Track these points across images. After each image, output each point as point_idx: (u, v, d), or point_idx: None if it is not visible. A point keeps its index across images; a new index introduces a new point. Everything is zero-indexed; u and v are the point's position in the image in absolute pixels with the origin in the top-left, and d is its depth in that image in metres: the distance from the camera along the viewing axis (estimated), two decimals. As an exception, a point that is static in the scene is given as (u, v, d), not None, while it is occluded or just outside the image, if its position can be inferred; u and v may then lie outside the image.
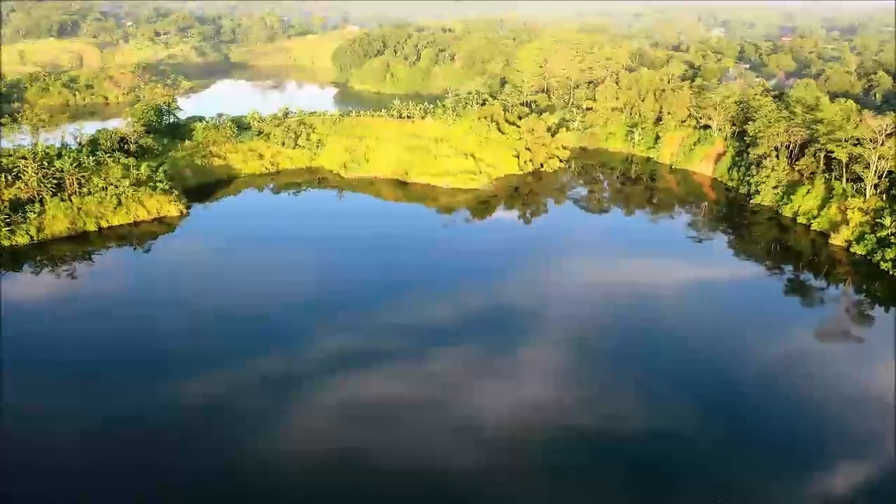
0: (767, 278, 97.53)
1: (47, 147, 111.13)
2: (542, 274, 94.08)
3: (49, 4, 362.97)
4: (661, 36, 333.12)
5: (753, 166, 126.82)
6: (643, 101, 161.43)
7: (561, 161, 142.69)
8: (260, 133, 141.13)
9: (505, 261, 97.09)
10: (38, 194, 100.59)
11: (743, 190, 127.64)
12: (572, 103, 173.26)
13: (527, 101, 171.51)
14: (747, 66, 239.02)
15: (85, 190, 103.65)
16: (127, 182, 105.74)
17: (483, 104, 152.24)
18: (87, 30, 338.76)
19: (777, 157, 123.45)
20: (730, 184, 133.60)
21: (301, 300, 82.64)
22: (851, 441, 59.23)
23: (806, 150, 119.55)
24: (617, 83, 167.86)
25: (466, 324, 77.83)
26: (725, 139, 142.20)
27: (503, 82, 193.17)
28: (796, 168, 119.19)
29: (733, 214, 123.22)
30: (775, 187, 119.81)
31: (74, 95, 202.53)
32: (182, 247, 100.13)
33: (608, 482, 53.88)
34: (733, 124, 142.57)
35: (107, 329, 73.81)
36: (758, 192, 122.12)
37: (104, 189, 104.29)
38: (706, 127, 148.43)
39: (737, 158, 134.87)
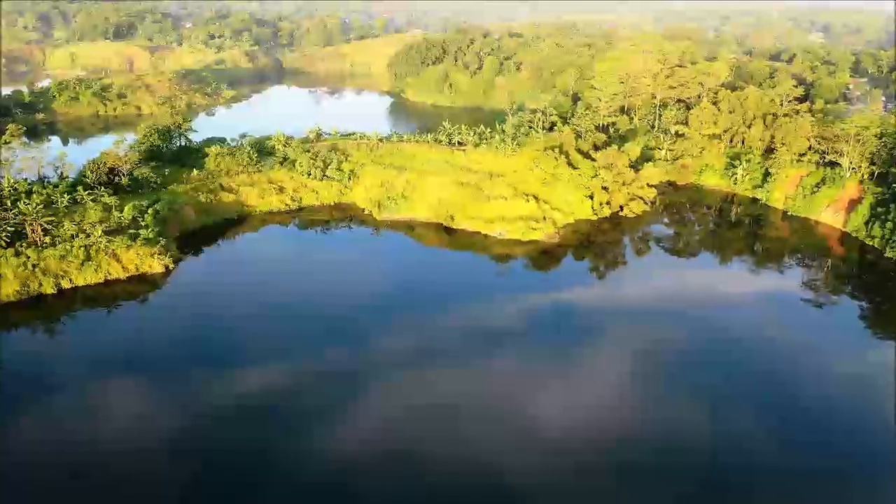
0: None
1: (16, 182, 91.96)
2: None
3: (110, 5, 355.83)
4: (756, 43, 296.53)
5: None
6: (749, 127, 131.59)
7: (646, 203, 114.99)
8: (284, 160, 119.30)
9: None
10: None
11: (890, 254, 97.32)
12: (659, 127, 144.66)
13: (603, 125, 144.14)
14: (865, 80, 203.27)
15: (48, 239, 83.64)
16: (99, 230, 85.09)
17: (550, 129, 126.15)
18: (142, 32, 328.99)
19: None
20: (868, 242, 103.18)
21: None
22: None
23: None
24: (715, 104, 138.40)
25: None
26: (862, 182, 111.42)
27: (576, 99, 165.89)
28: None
29: (871, 280, 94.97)
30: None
31: (105, 105, 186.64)
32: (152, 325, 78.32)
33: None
34: (872, 162, 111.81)
35: None
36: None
37: (73, 238, 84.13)
38: (833, 164, 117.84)
39: (879, 209, 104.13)
